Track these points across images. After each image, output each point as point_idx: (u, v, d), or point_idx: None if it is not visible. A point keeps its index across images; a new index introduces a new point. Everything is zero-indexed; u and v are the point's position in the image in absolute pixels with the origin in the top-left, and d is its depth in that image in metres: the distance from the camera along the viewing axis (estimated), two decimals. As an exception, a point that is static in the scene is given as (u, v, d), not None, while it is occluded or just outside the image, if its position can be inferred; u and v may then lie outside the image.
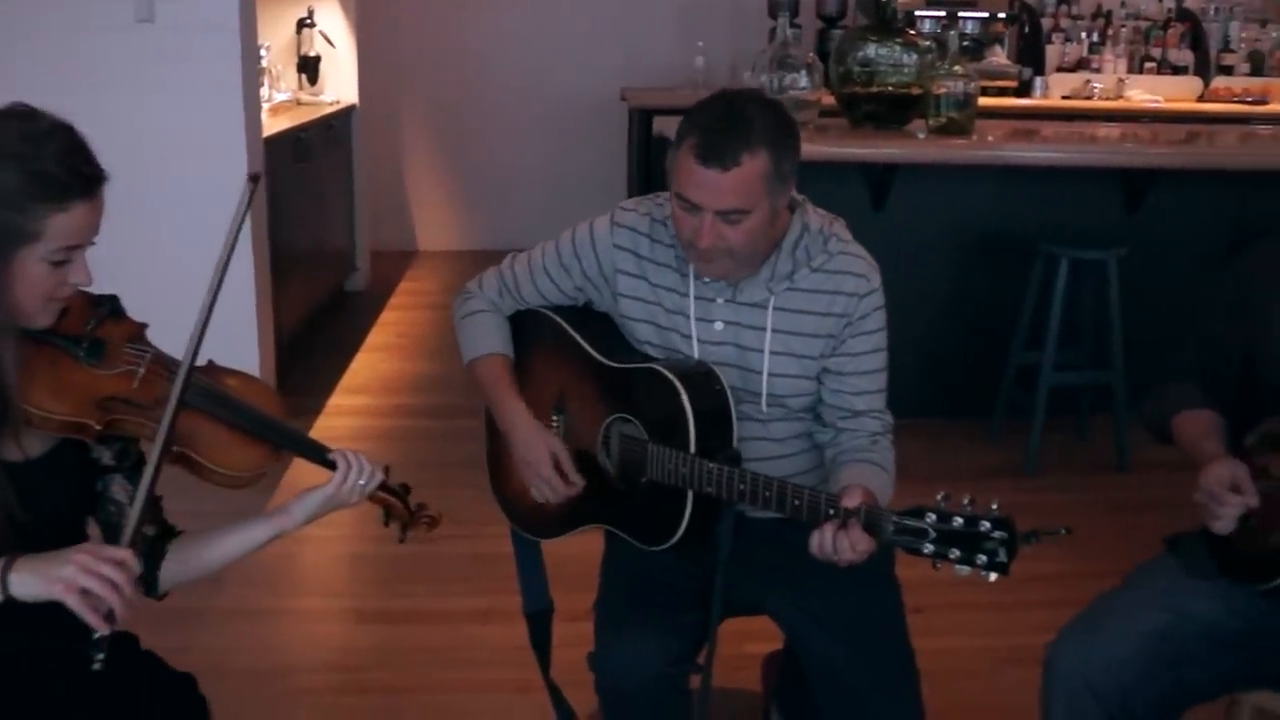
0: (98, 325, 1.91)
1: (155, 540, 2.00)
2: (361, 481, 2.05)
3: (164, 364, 1.93)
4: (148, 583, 1.99)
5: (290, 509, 2.04)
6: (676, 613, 2.32)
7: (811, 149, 4.68)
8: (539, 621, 2.69)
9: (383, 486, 2.13)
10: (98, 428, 1.85)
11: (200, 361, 1.91)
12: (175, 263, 3.82)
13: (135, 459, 1.97)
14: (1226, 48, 7.98)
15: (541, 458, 2.38)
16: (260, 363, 5.19)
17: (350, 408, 5.60)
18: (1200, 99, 7.79)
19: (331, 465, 2.04)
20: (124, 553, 1.72)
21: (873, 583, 2.34)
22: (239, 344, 5.02)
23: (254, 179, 1.82)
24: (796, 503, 2.06)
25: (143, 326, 1.98)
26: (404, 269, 8.46)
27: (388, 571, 4.02)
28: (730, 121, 2.18)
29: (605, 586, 2.48)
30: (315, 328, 6.60)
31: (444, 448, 4.70)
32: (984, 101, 6.47)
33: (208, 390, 1.94)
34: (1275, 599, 2.15)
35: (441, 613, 3.78)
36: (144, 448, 1.91)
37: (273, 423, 2.01)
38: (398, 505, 2.19)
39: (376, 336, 6.82)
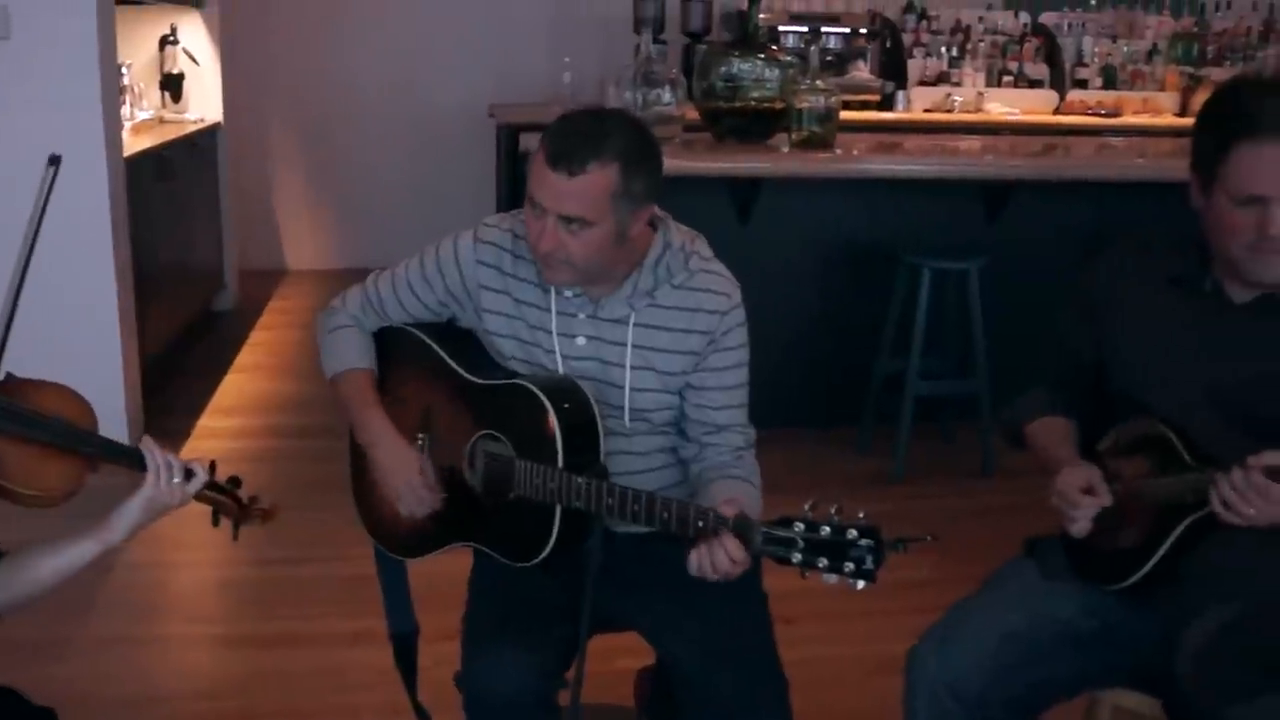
0: None
1: None
2: (177, 479, 1.99)
3: None
4: None
5: (110, 521, 1.98)
6: (545, 629, 2.32)
7: (676, 163, 4.74)
8: (404, 643, 2.68)
9: (209, 485, 2.08)
10: None
11: None
12: (38, 282, 3.74)
13: None
14: (1080, 62, 8.20)
15: (406, 470, 2.38)
16: (125, 384, 5.07)
17: (220, 429, 5.53)
18: (1056, 111, 7.99)
19: (143, 466, 1.98)
20: None
21: (740, 596, 2.36)
22: (102, 365, 4.92)
23: (54, 161, 1.75)
24: (665, 515, 2.07)
25: None
26: (273, 288, 8.36)
27: (256, 595, 3.98)
28: (586, 130, 2.21)
29: (473, 603, 2.47)
30: (183, 348, 6.50)
31: (315, 468, 4.65)
32: (847, 115, 6.58)
33: (10, 411, 1.87)
34: (1128, 598, 2.21)
35: (311, 636, 3.74)
36: None
37: (79, 433, 1.94)
38: (226, 502, 2.16)
39: (246, 356, 6.73)
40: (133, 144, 5.67)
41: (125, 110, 6.26)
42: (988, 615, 2.29)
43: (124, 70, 6.35)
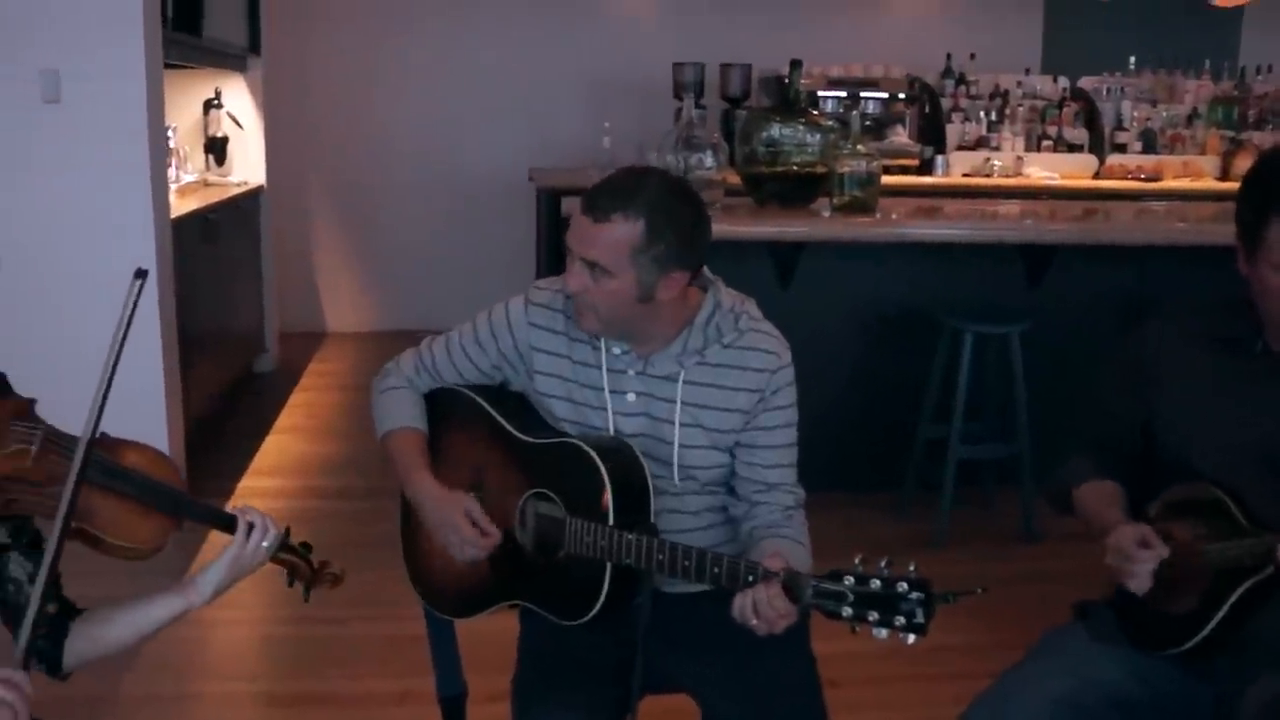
0: None
1: (56, 619, 1.97)
2: (265, 543, 2.04)
3: (57, 440, 1.90)
4: (51, 662, 1.96)
5: (196, 582, 2.03)
6: (595, 689, 2.32)
7: (717, 228, 4.73)
8: (453, 705, 2.68)
9: (284, 546, 2.13)
10: None
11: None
12: (79, 341, 3.77)
13: (31, 535, 1.95)
14: (1120, 126, 8.18)
15: (455, 516, 2.37)
16: (169, 445, 5.11)
17: (261, 490, 5.55)
18: (1096, 176, 7.97)
19: (232, 528, 2.03)
20: (19, 675, 1.68)
21: (788, 656, 2.37)
22: (147, 426, 4.90)
23: (140, 275, 1.80)
24: (716, 570, 2.07)
25: (31, 402, 1.94)
26: (313, 350, 8.40)
27: (300, 653, 3.98)
28: (621, 183, 2.26)
29: (522, 665, 2.48)
30: (224, 409, 6.54)
31: (356, 529, 4.66)
32: (887, 180, 6.60)
33: (105, 465, 1.92)
34: (1181, 665, 2.20)
35: (356, 696, 3.73)
36: (39, 524, 1.89)
37: (171, 492, 1.99)
38: (300, 565, 2.20)
39: (286, 418, 6.76)
40: (178, 206, 5.73)
41: (171, 173, 6.34)
42: (1039, 682, 2.27)
43: (170, 133, 6.43)
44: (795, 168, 5.32)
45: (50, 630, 1.95)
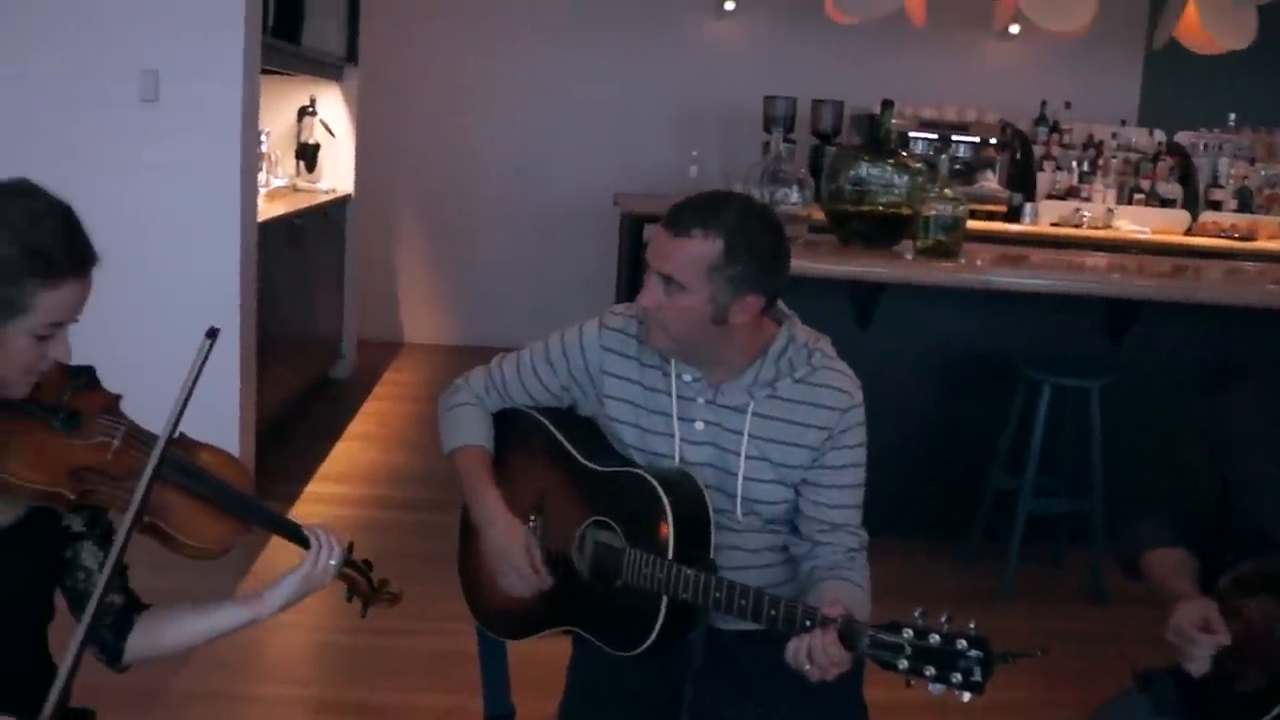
0: (74, 396, 1.92)
1: (122, 611, 2.00)
2: (333, 560, 2.06)
3: (138, 436, 1.94)
4: (112, 653, 1.99)
5: (265, 596, 2.05)
6: (644, 721, 2.31)
7: (799, 264, 4.71)
8: None
9: (348, 563, 2.15)
10: (71, 497, 1.85)
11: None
12: (165, 339, 3.82)
13: (105, 527, 1.98)
14: (1215, 183, 8.04)
15: (514, 549, 2.38)
16: (240, 445, 5.16)
17: (327, 495, 5.58)
18: (1188, 232, 7.84)
19: (305, 542, 2.07)
20: None
21: (840, 704, 2.34)
22: (220, 424, 4.98)
23: (212, 334, 1.82)
24: (773, 612, 2.05)
25: (117, 398, 1.99)
26: (389, 359, 8.46)
27: (352, 663, 3.99)
28: (705, 202, 2.27)
29: (571, 690, 2.47)
30: (297, 413, 6.60)
31: (416, 541, 4.67)
32: (973, 225, 6.54)
33: (181, 464, 1.95)
34: (1242, 742, 2.14)
35: (403, 708, 3.74)
36: (113, 517, 1.92)
37: (243, 498, 2.02)
38: (361, 581, 2.22)
39: (358, 425, 6.80)
40: (266, 210, 5.80)
41: (261, 177, 6.41)
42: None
43: (263, 138, 6.51)
44: (881, 208, 5.27)
45: (115, 621, 1.99)
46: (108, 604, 1.91)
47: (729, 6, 8.75)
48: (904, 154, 5.66)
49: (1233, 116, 8.41)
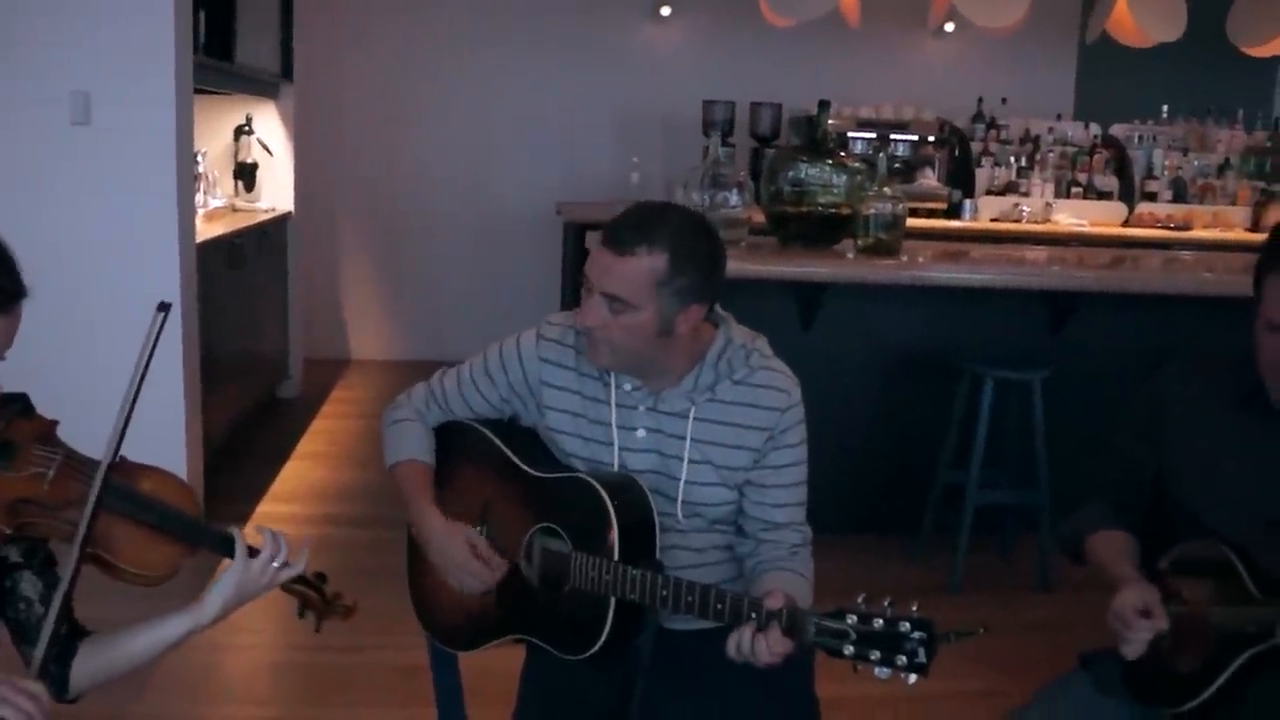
0: (7, 425, 1.89)
1: (64, 640, 1.96)
2: (275, 563, 2.04)
3: (76, 464, 1.91)
4: (58, 684, 1.96)
5: (203, 601, 2.02)
6: (596, 725, 2.31)
7: (741, 266, 4.78)
8: None
9: (297, 578, 2.13)
10: (7, 531, 1.83)
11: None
12: (102, 364, 3.79)
13: (44, 555, 1.96)
14: (1150, 174, 8.16)
15: (457, 549, 2.37)
16: (188, 468, 5.13)
17: (278, 515, 5.55)
18: (1125, 224, 7.95)
19: (248, 553, 2.04)
20: (36, 687, 1.72)
21: (790, 698, 2.35)
22: (166, 448, 4.96)
23: (164, 308, 1.81)
24: (719, 606, 2.07)
25: (53, 424, 1.96)
26: (337, 377, 8.43)
27: (309, 681, 3.97)
28: (643, 216, 2.26)
29: (524, 698, 2.48)
30: (246, 434, 6.55)
31: (371, 557, 4.63)
32: (915, 223, 6.59)
33: (124, 491, 1.93)
34: (1184, 721, 2.18)
35: (364, 724, 3.73)
36: (53, 546, 1.90)
37: (187, 520, 2.00)
38: (313, 595, 2.20)
39: (307, 444, 6.76)
40: (205, 231, 5.76)
41: (199, 198, 6.38)
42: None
43: (199, 158, 6.47)
44: (820, 208, 5.30)
45: (60, 652, 1.95)
46: (52, 635, 1.89)
47: (665, 12, 8.78)
48: (842, 154, 5.69)
49: (1166, 108, 8.54)
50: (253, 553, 2.05)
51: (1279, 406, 2.16)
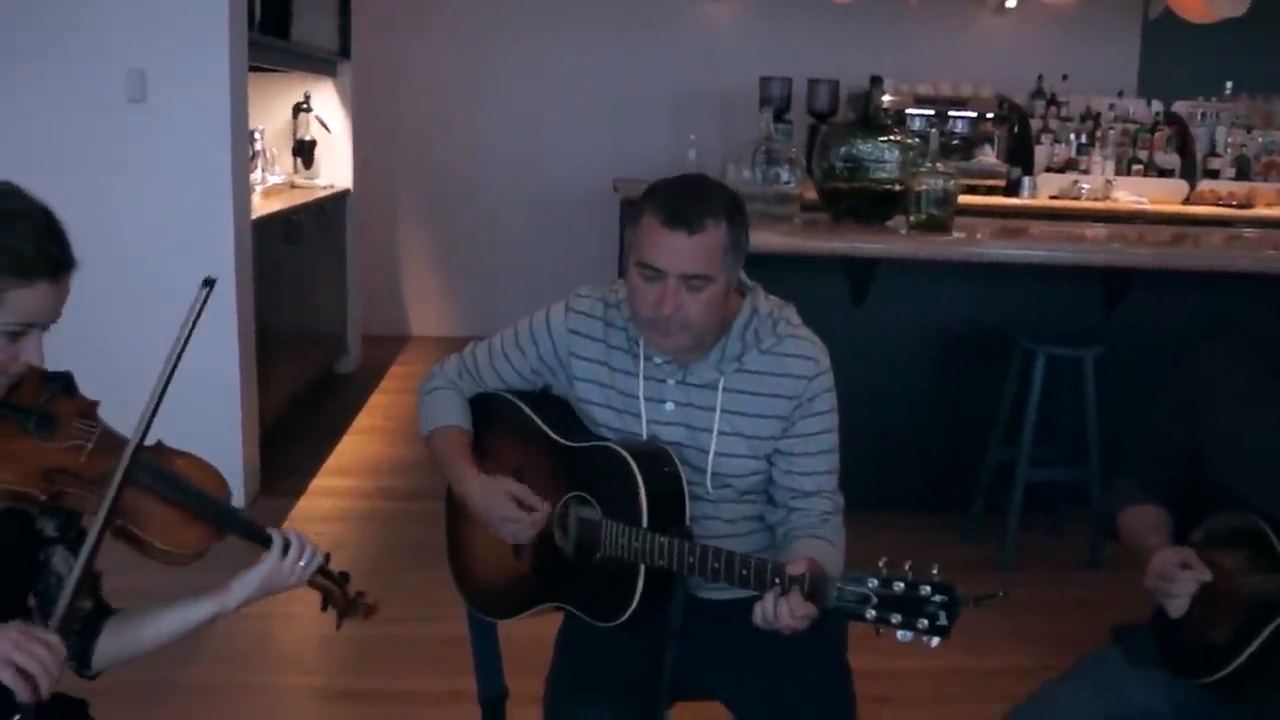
0: (50, 399, 1.93)
1: (90, 616, 2.01)
2: (301, 563, 2.07)
3: (112, 441, 1.95)
4: (80, 657, 2.00)
5: (230, 587, 2.05)
6: (626, 691, 2.33)
7: (793, 242, 4.78)
8: (493, 708, 2.71)
9: (323, 572, 2.16)
10: (42, 498, 1.86)
11: (150, 442, 1.93)
12: (154, 343, 3.83)
13: (78, 532, 1.98)
14: (1213, 152, 8.05)
15: (499, 500, 2.40)
16: (243, 444, 5.19)
17: (333, 489, 5.61)
18: (1186, 201, 7.85)
19: (283, 549, 2.07)
20: (53, 637, 1.75)
21: (822, 668, 2.36)
22: (223, 425, 5.04)
23: (208, 283, 1.84)
24: (744, 572, 2.09)
25: (94, 404, 2.00)
26: (395, 353, 8.50)
27: (356, 651, 4.02)
28: (693, 191, 2.29)
29: (557, 661, 2.50)
30: (303, 409, 6.63)
31: (423, 530, 4.64)
32: (973, 200, 6.56)
33: (154, 469, 1.96)
34: (1216, 692, 2.17)
35: (410, 693, 3.78)
36: (86, 522, 1.92)
37: (216, 504, 2.03)
38: (335, 592, 2.22)
39: (364, 419, 6.83)
40: (262, 207, 5.83)
41: (257, 174, 6.44)
42: (1075, 699, 2.30)
43: (257, 135, 6.53)
44: (872, 184, 5.28)
45: (84, 627, 2.00)
46: (77, 609, 1.93)
47: (723, -11, 8.77)
48: (895, 130, 5.66)
49: (1229, 85, 8.40)
50: (286, 550, 2.08)
51: None
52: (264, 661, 4.01)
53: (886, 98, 7.14)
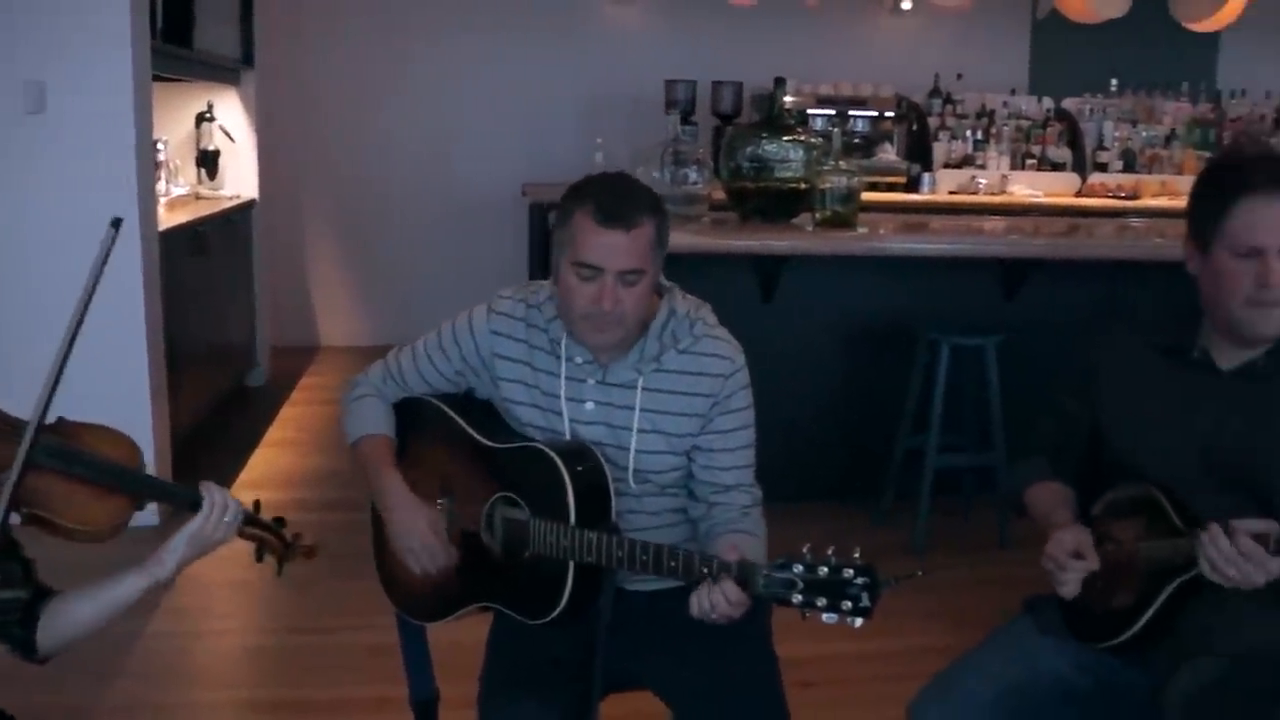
0: None
1: (29, 604, 2.00)
2: (227, 518, 2.08)
3: (7, 424, 1.92)
4: (25, 646, 1.99)
5: (161, 556, 2.05)
6: (561, 685, 2.37)
7: (702, 241, 4.85)
8: (425, 710, 2.73)
9: (252, 521, 2.16)
10: None
11: (50, 420, 1.90)
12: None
13: None
14: (1101, 146, 8.34)
15: (419, 526, 2.44)
16: (155, 458, 5.11)
17: (247, 503, 5.55)
18: (1078, 194, 8.10)
19: (195, 506, 2.06)
20: None
21: (749, 654, 2.42)
22: (133, 438, 4.96)
23: (115, 224, 1.83)
24: (673, 564, 2.14)
25: None
26: (306, 364, 8.43)
27: (282, 663, 4.02)
28: (624, 190, 2.35)
29: (490, 660, 2.53)
30: (214, 423, 6.57)
31: (341, 540, 4.58)
32: (875, 197, 6.69)
33: (54, 448, 1.93)
34: (1120, 656, 2.28)
35: (336, 703, 3.77)
36: None
37: (129, 473, 2.02)
38: (270, 539, 2.22)
39: (276, 432, 6.78)
40: (167, 219, 5.77)
41: (161, 186, 6.35)
42: (986, 670, 2.38)
43: (160, 146, 6.47)
44: (778, 183, 5.36)
45: (22, 616, 1.98)
46: (11, 599, 1.92)
47: (626, -9, 8.82)
48: (799, 130, 5.75)
49: (1115, 82, 8.71)
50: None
51: (1249, 333, 2.23)
52: (187, 679, 3.97)
53: (789, 98, 7.22)
